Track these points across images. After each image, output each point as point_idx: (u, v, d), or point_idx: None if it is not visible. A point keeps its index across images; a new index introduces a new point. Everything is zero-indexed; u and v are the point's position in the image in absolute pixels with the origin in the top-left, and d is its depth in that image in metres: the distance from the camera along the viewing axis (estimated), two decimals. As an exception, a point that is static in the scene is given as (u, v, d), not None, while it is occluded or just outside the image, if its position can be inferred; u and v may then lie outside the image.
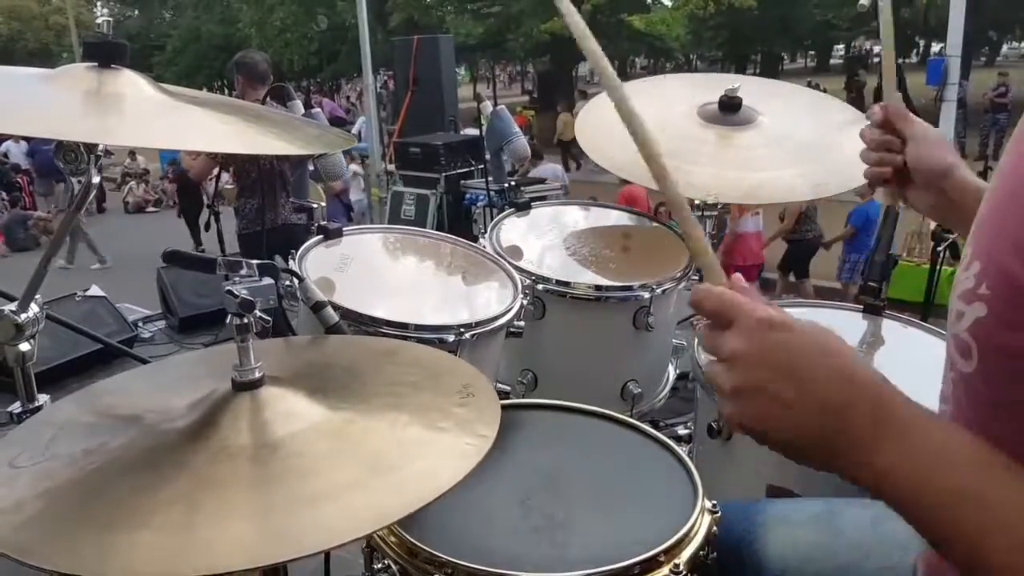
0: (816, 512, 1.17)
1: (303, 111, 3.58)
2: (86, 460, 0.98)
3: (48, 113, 1.14)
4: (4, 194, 12.78)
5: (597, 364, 2.14)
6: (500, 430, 1.01)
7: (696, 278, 2.41)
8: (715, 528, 1.13)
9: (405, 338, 1.60)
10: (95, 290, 5.01)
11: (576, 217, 2.46)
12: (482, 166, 6.69)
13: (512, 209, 2.38)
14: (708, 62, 30.09)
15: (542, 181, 7.57)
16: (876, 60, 24.88)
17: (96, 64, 1.21)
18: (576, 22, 0.79)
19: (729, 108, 2.24)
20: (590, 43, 0.80)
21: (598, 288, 2.06)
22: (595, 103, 2.46)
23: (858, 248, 7.27)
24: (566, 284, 2.03)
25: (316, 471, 0.94)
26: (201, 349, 3.11)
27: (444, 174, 7.51)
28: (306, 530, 0.84)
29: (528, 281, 1.99)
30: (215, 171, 4.25)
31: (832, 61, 35.91)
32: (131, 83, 1.21)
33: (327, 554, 1.46)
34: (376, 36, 16.42)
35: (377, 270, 2.00)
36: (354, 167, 9.75)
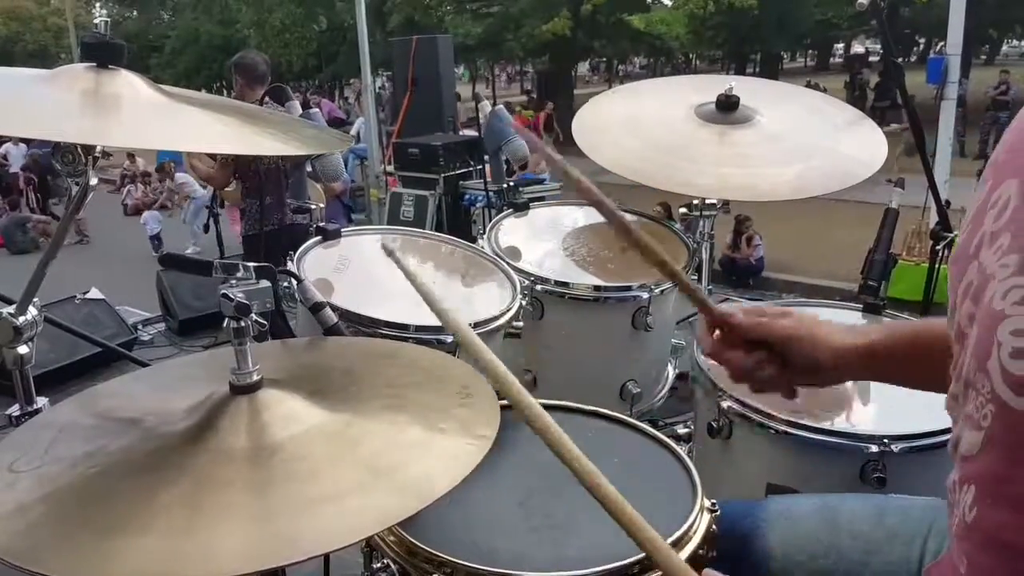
0: (818, 506, 1.17)
1: (300, 112, 3.59)
2: (86, 464, 0.98)
3: (46, 114, 1.14)
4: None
5: (596, 364, 2.14)
6: (499, 430, 1.01)
7: (695, 277, 2.41)
8: (714, 527, 1.13)
9: (404, 339, 1.60)
10: (94, 293, 5.02)
11: (574, 218, 2.46)
12: (481, 167, 6.68)
13: (511, 210, 2.38)
14: (708, 61, 30.09)
15: (541, 182, 7.56)
16: (872, 60, 24.91)
17: (94, 65, 1.20)
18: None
19: (726, 107, 2.24)
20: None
21: (597, 288, 2.06)
22: (594, 103, 2.46)
23: None
24: (565, 284, 2.03)
25: (316, 473, 0.94)
26: (200, 352, 3.11)
27: (443, 175, 7.51)
28: (306, 533, 0.84)
29: (527, 282, 1.99)
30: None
31: (832, 60, 35.92)
32: (129, 84, 1.21)
33: (326, 554, 1.46)
34: (375, 37, 16.40)
35: (375, 271, 2.00)
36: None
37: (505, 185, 5.74)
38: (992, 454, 0.66)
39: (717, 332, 1.01)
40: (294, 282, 1.59)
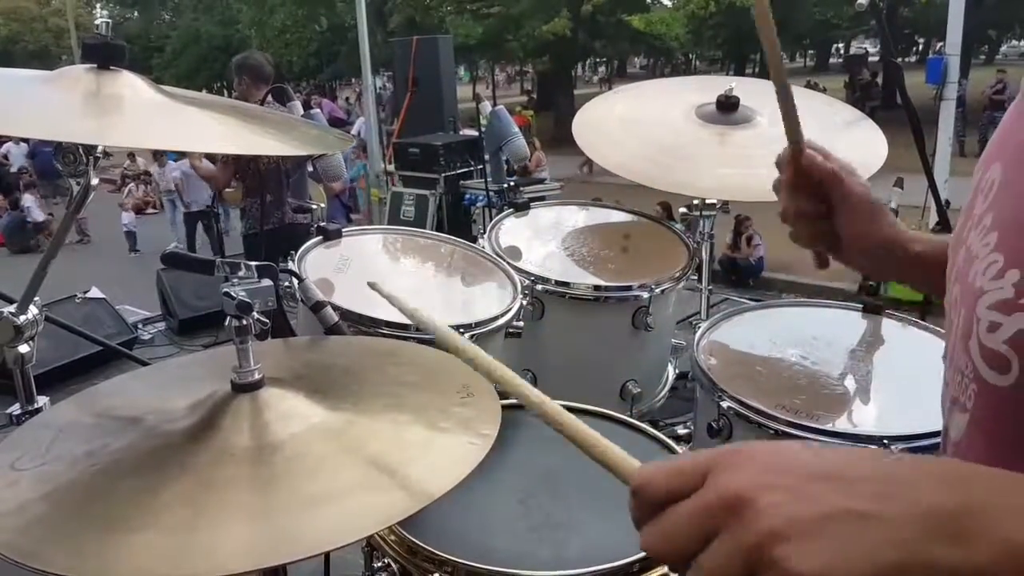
0: None
1: (302, 112, 3.59)
2: (88, 462, 0.98)
3: (47, 114, 1.14)
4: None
5: (596, 364, 2.14)
6: (500, 430, 1.01)
7: (695, 278, 2.41)
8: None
9: (404, 338, 1.60)
10: (95, 292, 5.03)
11: (575, 217, 2.46)
12: (481, 167, 6.69)
13: (511, 210, 2.39)
14: (708, 62, 30.10)
15: (541, 181, 7.57)
16: (873, 60, 24.90)
17: (95, 66, 1.21)
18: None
19: (727, 108, 2.24)
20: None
21: (597, 288, 2.06)
22: (592, 104, 2.47)
23: None
24: (565, 284, 2.03)
25: (317, 472, 0.94)
26: (200, 351, 3.11)
27: (443, 175, 7.52)
28: (307, 532, 0.84)
29: (527, 281, 1.99)
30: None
31: (832, 60, 35.92)
32: (130, 84, 1.21)
33: (327, 553, 1.47)
34: (376, 37, 16.41)
35: (376, 271, 2.00)
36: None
37: (506, 185, 5.74)
38: (976, 435, 0.65)
39: (794, 167, 1.02)
40: (295, 281, 1.59)
